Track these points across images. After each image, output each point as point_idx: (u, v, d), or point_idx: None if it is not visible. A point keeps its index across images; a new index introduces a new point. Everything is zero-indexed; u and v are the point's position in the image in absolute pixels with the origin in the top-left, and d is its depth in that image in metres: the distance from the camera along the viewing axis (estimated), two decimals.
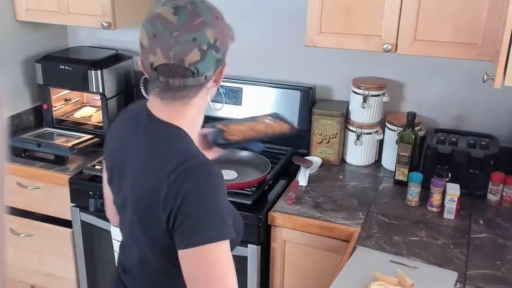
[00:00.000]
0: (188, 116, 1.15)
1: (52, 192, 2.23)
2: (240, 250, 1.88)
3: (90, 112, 2.62)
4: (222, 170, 1.88)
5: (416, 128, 2.06)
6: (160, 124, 1.13)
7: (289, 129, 1.59)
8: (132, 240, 1.23)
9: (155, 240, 1.14)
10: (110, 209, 1.38)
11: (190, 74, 1.07)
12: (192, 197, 1.04)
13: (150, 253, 1.18)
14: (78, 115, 2.60)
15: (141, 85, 1.20)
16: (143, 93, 1.19)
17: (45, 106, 2.52)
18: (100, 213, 2.07)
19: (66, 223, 2.25)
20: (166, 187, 1.05)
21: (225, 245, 1.06)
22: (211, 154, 1.41)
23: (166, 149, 1.12)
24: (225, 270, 1.07)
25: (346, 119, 2.24)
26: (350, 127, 2.22)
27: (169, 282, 1.20)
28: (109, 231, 2.03)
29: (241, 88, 2.37)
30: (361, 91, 2.15)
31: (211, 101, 1.19)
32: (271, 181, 2.06)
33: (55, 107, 2.56)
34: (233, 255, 1.82)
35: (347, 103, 2.25)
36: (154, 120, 1.14)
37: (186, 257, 1.07)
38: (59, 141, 2.40)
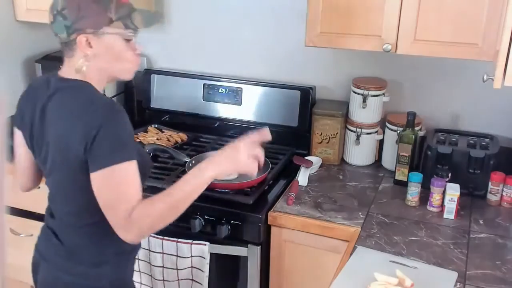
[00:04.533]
0: (75, 73, 1.36)
1: None
2: (240, 250, 1.89)
3: None
4: None
5: (416, 128, 2.06)
6: (65, 80, 1.37)
7: None
8: (57, 187, 1.44)
9: (75, 175, 1.33)
10: (23, 172, 1.60)
11: (54, 33, 1.35)
12: (102, 130, 1.26)
13: (72, 191, 1.38)
14: None
15: None
16: None
17: None
18: None
19: None
20: (81, 125, 1.28)
21: (128, 166, 1.29)
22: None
23: (75, 98, 1.34)
24: (130, 187, 1.30)
25: (346, 119, 2.24)
26: (350, 127, 2.22)
27: (90, 215, 1.37)
28: None
29: (241, 88, 2.37)
30: (361, 91, 2.15)
31: None
32: (271, 181, 2.05)
33: None
34: (233, 255, 1.89)
35: (347, 103, 2.25)
36: (59, 79, 1.39)
37: (96, 178, 1.29)
38: None
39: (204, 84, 2.42)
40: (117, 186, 1.29)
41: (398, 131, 2.10)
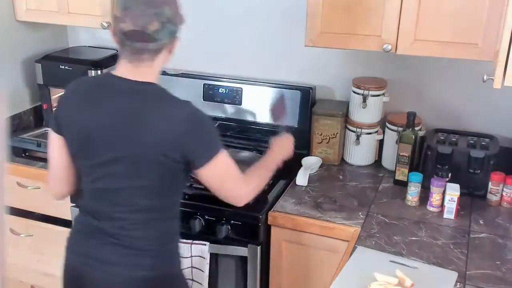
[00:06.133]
0: (154, 76, 1.44)
1: None
2: (240, 250, 1.89)
3: None
4: None
5: (416, 128, 2.06)
6: (142, 84, 1.41)
7: None
8: (130, 190, 1.44)
9: (163, 180, 1.43)
10: (58, 178, 1.57)
11: (151, 40, 1.36)
12: (199, 131, 1.40)
13: (155, 196, 1.45)
14: None
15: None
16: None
17: (45, 106, 2.52)
18: None
19: (66, 223, 2.24)
20: (179, 129, 1.37)
21: (226, 153, 1.46)
22: None
23: (164, 102, 1.41)
24: (233, 168, 1.51)
25: (346, 119, 2.24)
26: (350, 127, 2.22)
27: (166, 219, 1.53)
28: None
29: (241, 88, 2.37)
30: (361, 91, 2.15)
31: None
32: (271, 181, 2.05)
33: (55, 107, 2.56)
34: (233, 255, 1.89)
35: (347, 103, 2.25)
36: (132, 82, 1.41)
37: (207, 170, 1.43)
38: None
39: (204, 84, 2.42)
40: (225, 170, 1.52)
41: (398, 131, 2.10)
